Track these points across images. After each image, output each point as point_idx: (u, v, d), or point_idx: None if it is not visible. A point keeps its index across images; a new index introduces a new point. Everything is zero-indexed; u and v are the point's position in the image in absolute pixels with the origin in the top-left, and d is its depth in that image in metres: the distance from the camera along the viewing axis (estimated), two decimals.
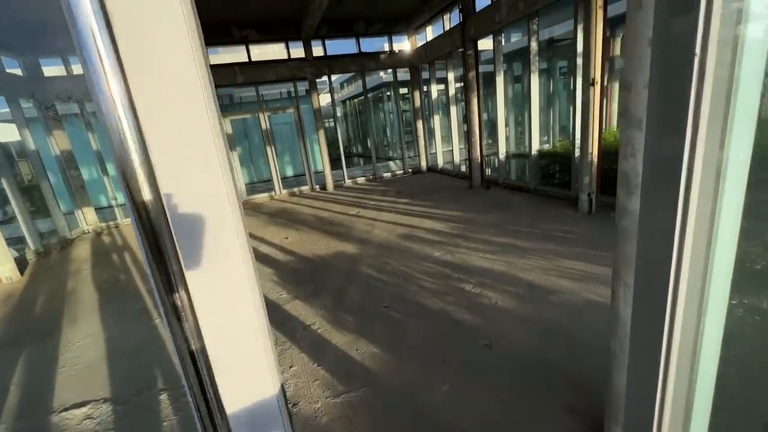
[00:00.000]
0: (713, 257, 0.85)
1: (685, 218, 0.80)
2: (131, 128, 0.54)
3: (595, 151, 5.20)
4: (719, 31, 0.67)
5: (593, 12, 4.73)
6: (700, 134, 0.72)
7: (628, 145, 1.36)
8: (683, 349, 0.93)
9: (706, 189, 0.77)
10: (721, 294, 0.89)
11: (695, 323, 0.94)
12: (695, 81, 0.70)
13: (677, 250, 0.83)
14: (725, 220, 0.80)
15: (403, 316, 3.29)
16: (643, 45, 1.23)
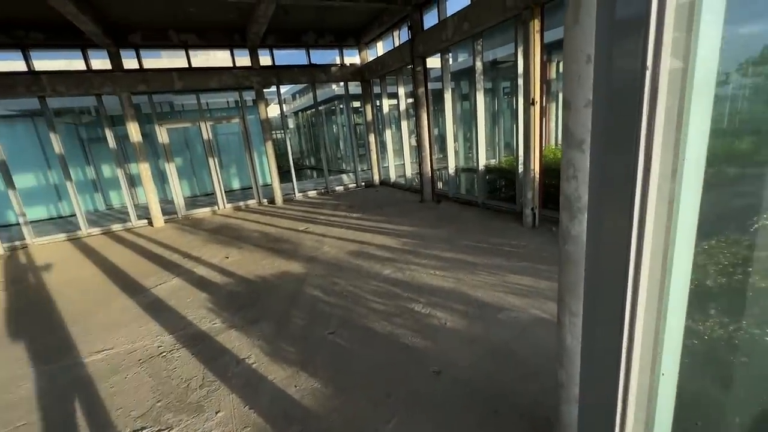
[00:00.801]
0: (669, 284, 0.75)
1: (640, 242, 0.69)
2: None
3: (537, 167, 5.41)
4: (672, 41, 0.57)
5: (531, 37, 4.97)
6: (655, 152, 0.62)
7: (569, 167, 1.29)
8: (642, 380, 0.82)
9: (661, 211, 0.67)
10: (677, 322, 0.80)
11: (652, 353, 0.84)
12: (647, 96, 0.59)
13: (633, 276, 0.72)
14: (680, 242, 0.70)
15: (349, 343, 3.06)
16: (581, 62, 1.16)
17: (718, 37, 0.61)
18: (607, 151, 0.72)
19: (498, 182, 7.28)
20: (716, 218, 0.82)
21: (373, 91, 10.89)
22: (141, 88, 8.03)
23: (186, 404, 2.52)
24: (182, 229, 8.22)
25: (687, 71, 0.60)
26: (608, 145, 0.71)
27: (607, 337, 0.91)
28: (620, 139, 0.67)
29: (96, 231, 8.43)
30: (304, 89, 22.80)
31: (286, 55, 22.77)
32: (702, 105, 0.62)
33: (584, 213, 1.27)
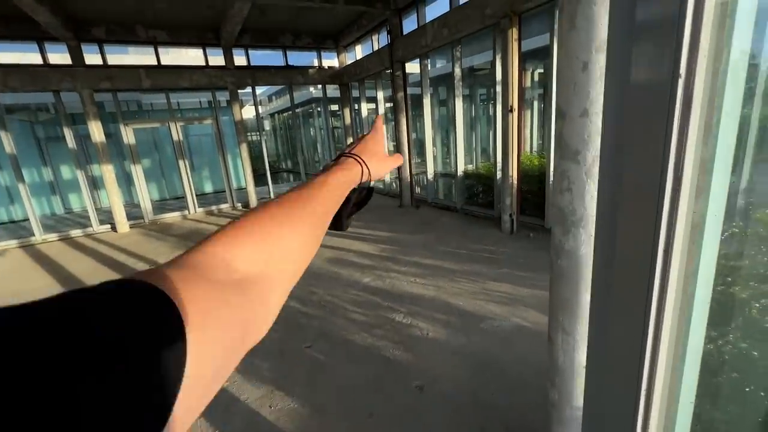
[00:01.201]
0: (692, 309, 0.68)
1: (666, 261, 0.61)
2: None
3: (515, 174, 5.46)
4: (708, 44, 0.50)
5: (509, 45, 5.02)
6: (686, 167, 0.55)
7: (564, 179, 1.23)
8: (662, 406, 0.75)
9: (688, 229, 0.60)
10: (697, 342, 0.73)
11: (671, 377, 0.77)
12: (679, 105, 0.51)
13: (657, 299, 0.64)
14: (705, 264, 0.64)
15: (328, 357, 2.92)
16: (577, 69, 1.11)
17: (748, 40, 0.55)
18: (626, 165, 0.64)
19: (476, 188, 7.33)
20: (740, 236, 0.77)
21: (351, 95, 10.79)
22: (104, 86, 7.57)
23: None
24: (149, 234, 7.78)
25: (719, 78, 0.53)
26: (627, 158, 0.64)
27: (624, 361, 0.83)
28: (644, 153, 0.59)
29: (53, 237, 7.84)
30: (280, 91, 22.38)
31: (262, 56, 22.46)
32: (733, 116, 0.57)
33: (579, 227, 1.21)
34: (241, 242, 0.32)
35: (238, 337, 0.28)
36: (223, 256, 0.30)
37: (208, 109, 14.18)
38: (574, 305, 1.29)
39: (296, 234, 0.37)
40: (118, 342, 0.18)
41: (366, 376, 2.64)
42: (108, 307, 0.19)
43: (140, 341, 0.19)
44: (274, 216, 0.36)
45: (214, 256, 0.30)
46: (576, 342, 1.33)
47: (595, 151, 1.13)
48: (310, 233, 0.40)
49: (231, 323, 0.27)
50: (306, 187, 0.42)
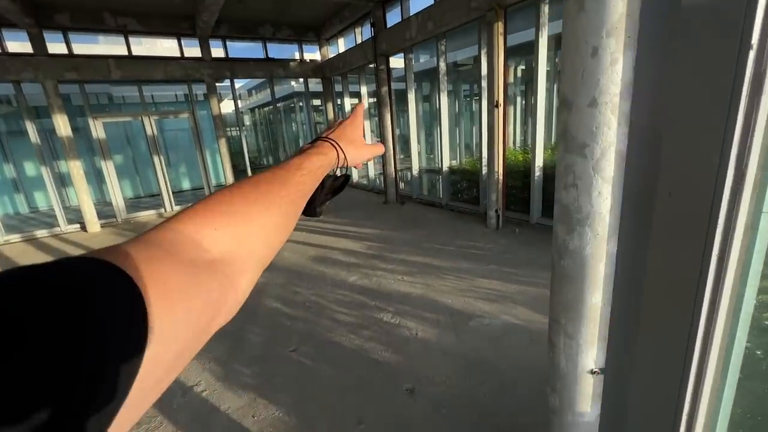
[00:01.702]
0: (741, 301, 0.60)
1: (722, 265, 0.53)
2: None
3: (501, 169, 5.44)
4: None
5: (495, 39, 4.97)
6: (752, 161, 0.46)
7: (568, 174, 1.15)
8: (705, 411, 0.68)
9: (745, 231, 0.52)
10: (739, 352, 0.66)
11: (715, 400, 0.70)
12: (747, 89, 0.42)
13: (708, 305, 0.56)
14: (755, 266, 0.56)
15: (314, 361, 2.80)
16: (586, 55, 1.02)
17: None
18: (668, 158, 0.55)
19: (461, 184, 7.31)
20: None
21: (334, 89, 10.57)
22: (70, 76, 7.12)
23: None
24: (122, 234, 7.41)
25: None
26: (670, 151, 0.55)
27: (663, 367, 0.76)
28: (694, 144, 0.50)
29: (15, 238, 7.36)
30: (260, 85, 21.80)
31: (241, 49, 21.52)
32: None
33: (585, 226, 1.14)
34: (212, 221, 0.31)
35: (206, 319, 0.27)
36: (192, 235, 0.29)
37: (184, 103, 13.63)
38: (579, 308, 1.22)
39: (268, 216, 0.36)
40: (43, 321, 0.17)
41: (354, 381, 2.54)
42: (44, 286, 0.18)
43: (74, 319, 0.17)
44: (246, 196, 0.35)
45: (182, 234, 0.29)
46: (579, 346, 1.26)
47: (605, 143, 1.05)
48: (283, 216, 0.38)
49: (199, 304, 0.26)
50: (280, 169, 0.41)
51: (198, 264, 0.28)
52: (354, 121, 0.55)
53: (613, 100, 1.01)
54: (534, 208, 5.45)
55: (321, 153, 0.46)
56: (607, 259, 1.15)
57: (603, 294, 1.19)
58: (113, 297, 0.20)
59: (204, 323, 0.27)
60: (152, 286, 0.21)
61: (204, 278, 0.28)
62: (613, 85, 1.01)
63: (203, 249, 0.29)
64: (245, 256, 0.33)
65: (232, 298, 0.31)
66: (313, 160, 0.44)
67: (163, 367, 0.22)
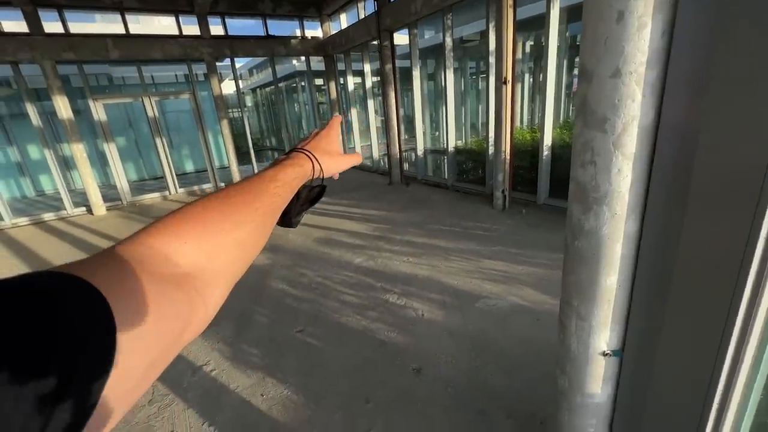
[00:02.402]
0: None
1: (754, 242, 0.49)
2: None
3: (508, 149, 5.33)
4: None
5: (504, 12, 4.76)
6: None
7: (586, 151, 1.09)
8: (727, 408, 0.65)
9: None
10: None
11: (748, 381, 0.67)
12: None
13: (750, 293, 0.52)
14: None
15: (321, 342, 2.82)
16: (610, 20, 0.95)
17: None
18: (711, 137, 0.50)
19: (467, 164, 7.20)
20: None
21: (337, 68, 10.32)
22: (68, 56, 6.98)
23: (132, 425, 2.18)
24: (128, 217, 7.44)
25: None
26: (715, 128, 0.49)
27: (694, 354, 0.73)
28: (745, 114, 0.45)
29: (23, 221, 7.43)
30: (261, 64, 21.36)
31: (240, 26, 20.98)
32: None
33: (602, 205, 1.09)
34: (183, 235, 0.31)
35: (175, 333, 0.27)
36: (162, 248, 0.29)
37: (184, 84, 13.42)
38: (593, 289, 1.18)
39: (241, 228, 0.36)
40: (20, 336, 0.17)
41: (361, 361, 2.56)
42: (11, 301, 0.18)
43: (42, 332, 0.17)
44: (218, 209, 0.35)
45: (152, 248, 0.29)
46: (592, 328, 1.24)
47: (627, 117, 0.99)
48: (256, 228, 0.38)
49: (169, 318, 0.26)
50: (254, 180, 0.40)
51: (167, 278, 0.28)
52: (329, 131, 0.56)
53: (638, 69, 0.94)
54: (541, 188, 5.36)
55: (296, 164, 0.46)
56: (624, 240, 1.11)
57: (619, 275, 1.15)
58: (82, 311, 0.20)
59: (173, 337, 0.27)
60: (121, 300, 0.22)
61: (173, 293, 0.28)
62: (639, 53, 0.93)
63: (173, 263, 0.29)
64: (216, 269, 0.33)
65: (201, 312, 0.31)
66: (288, 171, 0.44)
67: (132, 379, 0.22)
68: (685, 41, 0.52)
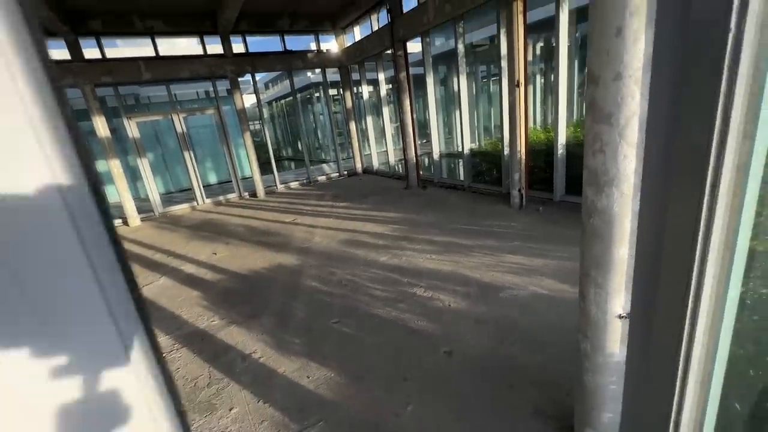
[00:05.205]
0: (734, 249, 0.77)
1: (710, 217, 0.70)
2: None
3: (523, 149, 5.50)
4: None
5: (515, 17, 4.98)
6: (733, 124, 0.62)
7: (596, 141, 1.30)
8: (702, 349, 0.86)
9: (730, 185, 0.69)
10: (735, 293, 0.83)
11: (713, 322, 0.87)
12: (728, 61, 0.59)
13: (701, 250, 0.73)
14: (745, 218, 0.72)
15: (356, 331, 3.06)
16: (610, 36, 1.17)
17: None
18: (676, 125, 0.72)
19: (483, 165, 7.37)
20: None
21: (351, 78, 10.69)
22: (106, 80, 7.54)
23: (196, 404, 2.45)
24: (161, 227, 7.89)
25: None
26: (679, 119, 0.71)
27: (669, 310, 0.93)
28: (697, 115, 0.67)
29: None
30: (276, 78, 22.08)
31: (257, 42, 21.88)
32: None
33: (612, 186, 1.30)
34: None
35: None
36: None
37: (205, 100, 14.07)
38: (608, 260, 1.38)
39: None
40: None
41: (395, 346, 2.78)
42: None
43: None
44: None
45: None
46: (608, 294, 1.43)
47: (629, 112, 1.20)
48: None
49: None
50: None
51: None
52: None
53: (635, 74, 1.16)
54: (557, 185, 5.50)
55: None
56: (632, 216, 1.31)
57: (629, 247, 1.35)
58: None
59: None
60: None
61: None
62: (635, 61, 1.15)
63: None
64: None
65: None
66: None
67: None
68: (663, 51, 0.72)
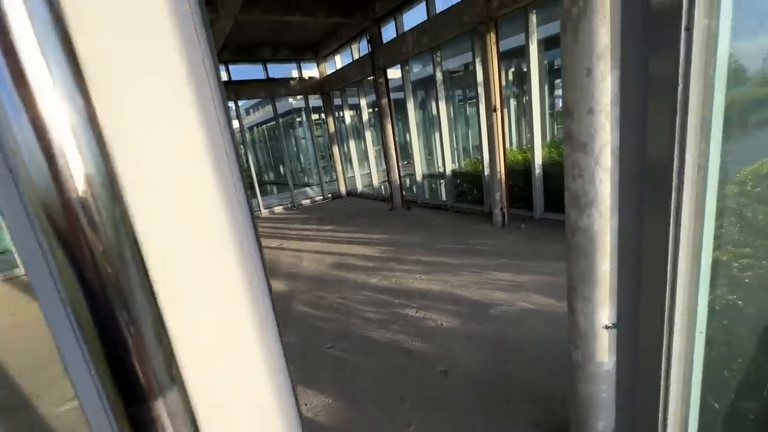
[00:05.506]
0: (699, 259, 0.89)
1: (677, 233, 0.82)
2: None
3: (503, 169, 5.76)
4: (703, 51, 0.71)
5: (489, 47, 5.33)
6: (689, 149, 0.75)
7: (575, 167, 1.45)
8: (681, 353, 0.96)
9: (692, 201, 0.81)
10: (704, 295, 0.95)
11: (689, 317, 0.98)
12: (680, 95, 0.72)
13: (671, 263, 0.85)
14: (707, 226, 0.85)
15: (351, 355, 3.06)
16: (582, 75, 1.33)
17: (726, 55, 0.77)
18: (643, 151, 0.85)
19: (464, 185, 7.61)
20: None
21: (333, 103, 10.94)
22: None
23: None
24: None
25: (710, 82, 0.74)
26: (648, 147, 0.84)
27: (653, 310, 1.04)
28: (659, 142, 0.80)
29: None
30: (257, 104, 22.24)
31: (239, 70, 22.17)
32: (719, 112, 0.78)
33: (591, 207, 1.43)
34: None
35: None
36: None
37: None
38: (592, 275, 1.50)
39: None
40: None
41: (391, 367, 2.80)
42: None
43: None
44: None
45: None
46: (595, 306, 1.54)
47: (602, 142, 1.35)
48: None
49: None
50: None
51: None
52: None
53: (605, 108, 1.32)
54: (537, 203, 5.75)
55: None
56: (611, 233, 1.44)
57: (611, 261, 1.47)
58: None
59: None
60: None
61: None
62: (604, 97, 1.31)
63: None
64: None
65: None
66: None
67: None
68: (630, 88, 0.84)
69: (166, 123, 0.35)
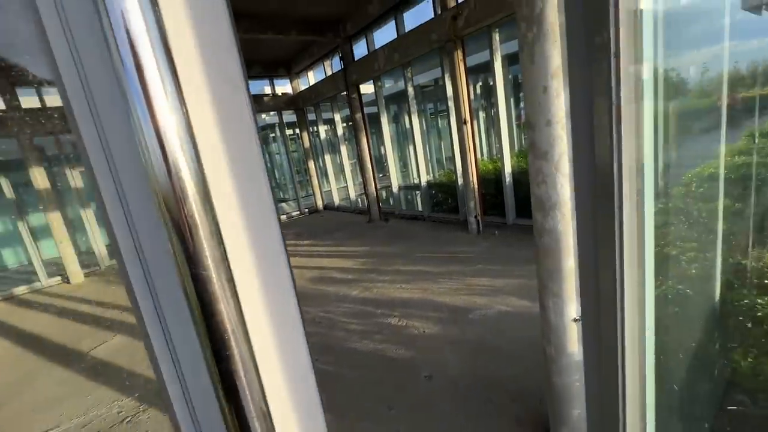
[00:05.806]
0: (643, 253, 1.01)
1: (620, 224, 0.94)
2: None
3: (476, 179, 5.98)
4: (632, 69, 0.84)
5: (457, 64, 5.60)
6: (625, 154, 0.88)
7: (539, 174, 1.59)
8: (632, 334, 1.08)
9: (633, 199, 0.94)
10: (650, 283, 1.07)
11: (638, 312, 1.11)
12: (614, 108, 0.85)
13: (618, 251, 0.97)
14: (647, 220, 0.98)
15: (336, 367, 3.07)
16: (539, 92, 1.48)
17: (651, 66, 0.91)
18: (593, 157, 0.98)
19: (439, 196, 7.82)
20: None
21: (308, 118, 11.01)
22: None
23: None
24: (109, 281, 7.32)
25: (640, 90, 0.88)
26: (594, 151, 0.97)
27: (606, 308, 1.15)
28: (603, 147, 0.93)
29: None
30: None
31: None
32: (650, 116, 0.92)
33: (555, 210, 1.57)
34: None
35: None
36: None
37: None
38: (560, 272, 1.63)
39: None
40: None
41: (377, 376, 2.83)
42: None
43: None
44: None
45: None
46: (564, 301, 1.67)
47: (560, 150, 1.50)
48: None
49: None
50: None
51: None
52: None
53: (561, 121, 1.47)
54: (509, 210, 5.99)
55: None
56: (573, 233, 1.58)
57: (575, 259, 1.61)
58: None
59: None
60: None
61: None
62: (560, 111, 1.47)
63: None
64: None
65: None
66: None
67: None
68: (578, 102, 0.99)
69: (227, 135, 0.43)
